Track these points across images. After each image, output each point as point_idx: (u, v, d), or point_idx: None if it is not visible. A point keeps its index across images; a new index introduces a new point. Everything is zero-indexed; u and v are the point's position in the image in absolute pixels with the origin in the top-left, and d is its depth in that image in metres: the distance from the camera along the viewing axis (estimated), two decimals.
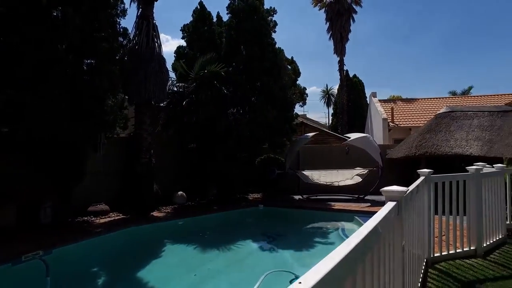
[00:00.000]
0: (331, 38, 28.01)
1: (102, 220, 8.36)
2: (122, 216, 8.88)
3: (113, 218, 8.71)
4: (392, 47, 64.20)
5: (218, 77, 11.20)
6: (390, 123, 16.12)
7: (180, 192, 10.94)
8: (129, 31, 9.36)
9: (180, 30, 13.02)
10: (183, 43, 13.13)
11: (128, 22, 38.97)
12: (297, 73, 13.04)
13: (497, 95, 18.20)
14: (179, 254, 6.94)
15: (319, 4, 28.29)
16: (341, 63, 27.42)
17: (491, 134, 9.23)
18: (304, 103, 13.90)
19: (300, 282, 0.83)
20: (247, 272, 5.96)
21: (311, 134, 12.52)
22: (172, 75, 11.84)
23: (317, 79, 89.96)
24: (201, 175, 11.49)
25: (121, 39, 9.05)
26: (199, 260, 6.40)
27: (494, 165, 5.90)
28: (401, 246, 2.24)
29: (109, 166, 9.90)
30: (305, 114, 34.79)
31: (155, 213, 9.32)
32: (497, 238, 5.74)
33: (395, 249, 2.16)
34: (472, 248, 5.21)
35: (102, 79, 7.35)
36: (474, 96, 21.09)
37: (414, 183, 3.72)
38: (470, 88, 35.77)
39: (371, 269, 1.51)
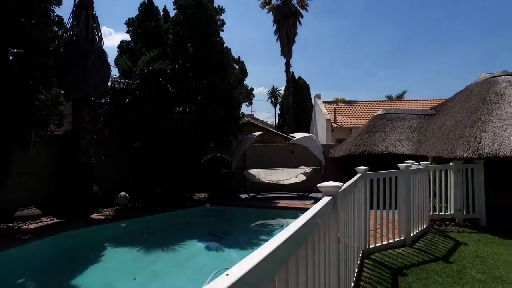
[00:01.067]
0: (278, 40, 28.66)
1: (32, 226, 7.68)
2: (57, 220, 8.24)
3: (46, 222, 8.06)
4: (337, 51, 67.42)
5: (163, 74, 10.89)
6: (333, 123, 16.91)
7: (122, 193, 10.45)
8: (66, 21, 8.72)
9: (125, 23, 12.45)
10: (127, 37, 12.60)
11: (65, 12, 36.28)
12: (244, 73, 13.15)
13: (425, 100, 20.10)
14: (120, 257, 6.63)
15: (267, 7, 28.79)
16: (287, 65, 28.17)
17: (419, 135, 10.13)
18: (251, 103, 14.07)
19: (227, 274, 0.84)
20: (192, 272, 5.88)
21: (257, 133, 12.70)
22: (115, 71, 11.28)
23: (265, 79, 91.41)
24: (146, 175, 11.10)
25: (56, 28, 8.40)
26: (142, 262, 6.17)
27: (420, 162, 6.47)
28: (337, 238, 2.37)
29: (43, 166, 9.15)
30: (253, 114, 35.20)
31: (95, 216, 8.79)
32: (422, 228, 6.33)
33: (330, 241, 2.28)
34: (402, 238, 5.68)
35: (32, 70, 6.74)
36: (406, 100, 22.99)
37: (351, 179, 3.95)
38: (404, 93, 39.02)
39: (305, 259, 1.59)
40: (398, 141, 10.16)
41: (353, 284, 3.83)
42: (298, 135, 11.84)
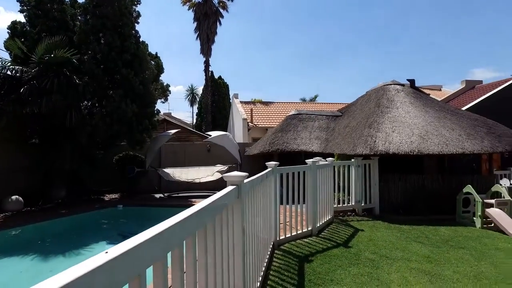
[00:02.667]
0: (198, 38, 28.30)
1: None
2: None
3: None
4: (256, 53, 69.25)
5: (69, 64, 9.92)
6: (250, 123, 17.39)
7: (14, 197, 9.21)
8: None
9: (17, 0, 10.85)
10: (21, 18, 11.07)
11: None
12: (161, 69, 12.69)
13: (334, 103, 21.98)
14: (9, 269, 5.83)
15: (188, 3, 28.20)
16: (207, 64, 27.99)
17: (327, 134, 11.05)
18: (166, 99, 13.62)
19: (106, 252, 0.82)
20: None
21: (173, 131, 12.38)
22: (4, 55, 9.87)
23: (184, 78, 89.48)
24: (46, 175, 9.97)
25: None
26: (35, 271, 5.53)
27: (326, 159, 7.06)
28: (241, 227, 2.45)
29: None
30: (170, 113, 34.22)
31: None
32: (328, 219, 6.91)
33: (235, 229, 2.35)
34: (309, 229, 6.10)
35: None
36: (318, 103, 24.80)
37: (260, 173, 4.11)
38: (316, 96, 41.91)
39: (204, 244, 1.61)
40: (308, 140, 10.90)
41: (262, 273, 4.00)
42: (214, 134, 11.87)
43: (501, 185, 8.03)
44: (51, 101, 9.07)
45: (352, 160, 8.14)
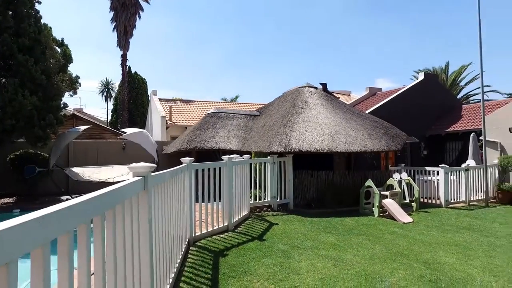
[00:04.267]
0: (115, 30, 26.49)
1: None
2: None
3: None
4: (178, 51, 67.33)
5: None
6: (168, 121, 16.86)
7: None
8: None
9: None
10: None
11: None
12: (69, 58, 11.50)
13: (253, 103, 22.60)
14: None
15: None
16: (124, 58, 26.35)
17: (245, 133, 11.30)
18: (75, 93, 12.38)
19: None
20: None
21: (83, 128, 11.39)
22: None
23: (99, 71, 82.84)
24: None
25: None
26: None
27: (243, 156, 7.21)
28: (148, 220, 2.37)
29: None
30: (82, 108, 31.34)
31: None
32: (244, 214, 7.06)
33: (141, 222, 2.26)
34: (225, 224, 6.16)
35: None
36: (239, 103, 25.21)
37: (173, 168, 4.03)
38: (237, 97, 42.60)
39: (101, 234, 1.52)
40: (227, 138, 11.01)
41: (175, 269, 3.92)
42: (130, 131, 11.24)
43: (393, 178, 9.17)
44: None
45: (268, 157, 8.46)
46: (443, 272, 4.46)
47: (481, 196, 10.22)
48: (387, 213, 8.06)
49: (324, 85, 11.69)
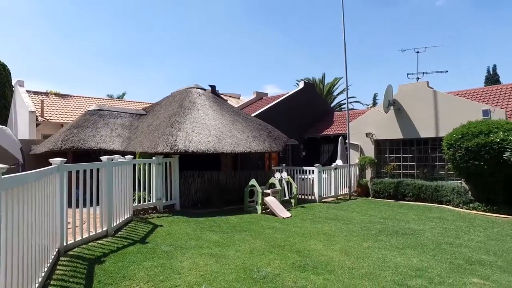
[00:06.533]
0: None
1: None
2: None
3: None
4: (55, 38, 58.76)
5: None
6: (40, 117, 14.72)
7: None
8: None
9: None
10: None
11: None
12: None
13: (142, 102, 21.50)
14: None
15: None
16: None
17: (130, 133, 10.70)
18: None
19: None
20: None
21: None
22: None
23: None
24: None
25: None
26: None
27: (125, 156, 6.85)
28: None
29: None
30: None
31: None
32: (126, 217, 6.72)
33: None
34: (104, 229, 5.76)
35: None
36: (126, 101, 23.63)
37: (40, 169, 3.61)
38: (124, 94, 39.93)
39: None
40: (109, 138, 10.25)
41: (37, 285, 3.50)
42: None
43: (275, 177, 9.96)
44: None
45: (153, 158, 8.22)
46: (311, 257, 5.07)
47: (346, 191, 11.90)
48: (269, 210, 8.70)
49: (213, 87, 11.92)
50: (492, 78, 29.60)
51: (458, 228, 7.15)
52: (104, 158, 5.65)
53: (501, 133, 8.34)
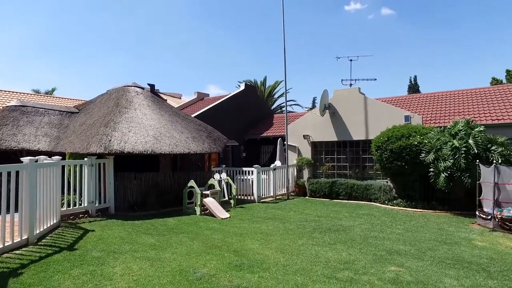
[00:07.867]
0: None
1: None
2: None
3: None
4: None
5: None
6: None
7: None
8: None
9: None
10: None
11: None
12: None
13: (73, 99, 19.99)
14: None
15: None
16: None
17: (59, 132, 9.90)
18: None
19: None
20: None
21: None
22: None
23: None
24: None
25: None
26: None
27: (52, 157, 6.35)
28: None
29: None
30: None
31: None
32: (52, 223, 6.23)
33: None
34: (24, 238, 5.26)
35: None
36: (55, 97, 21.75)
37: None
38: (54, 89, 36.69)
39: None
40: (34, 137, 9.39)
41: None
42: None
43: (214, 178, 9.95)
44: None
45: (86, 159, 7.73)
46: (247, 257, 5.17)
47: (284, 191, 12.30)
48: (208, 211, 8.66)
49: (152, 86, 11.55)
50: (414, 87, 32.70)
51: (383, 223, 7.81)
52: (25, 159, 5.18)
53: (418, 136, 9.30)
